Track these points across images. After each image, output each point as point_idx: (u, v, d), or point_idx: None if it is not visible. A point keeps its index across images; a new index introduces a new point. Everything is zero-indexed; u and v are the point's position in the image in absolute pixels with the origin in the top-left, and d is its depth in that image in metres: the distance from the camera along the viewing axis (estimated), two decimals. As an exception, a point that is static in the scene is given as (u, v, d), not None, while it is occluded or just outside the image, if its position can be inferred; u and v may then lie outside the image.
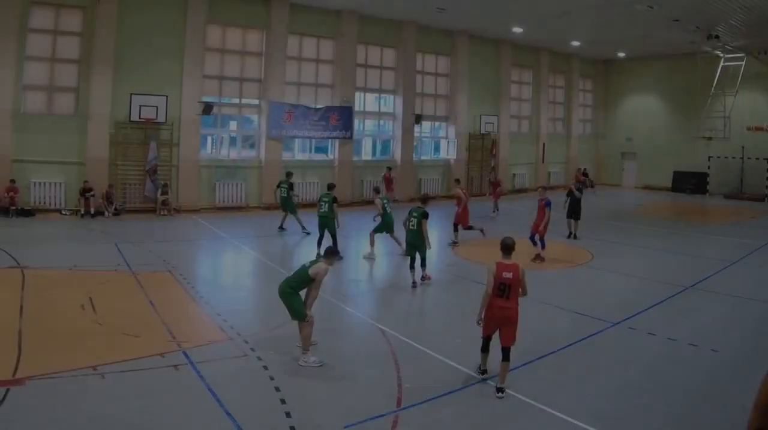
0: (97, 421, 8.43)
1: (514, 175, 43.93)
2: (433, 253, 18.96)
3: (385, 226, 20.37)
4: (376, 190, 22.81)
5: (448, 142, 40.16)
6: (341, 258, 19.11)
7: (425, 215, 16.90)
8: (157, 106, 28.01)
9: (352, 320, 14.18)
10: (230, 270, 19.99)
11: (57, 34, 27.03)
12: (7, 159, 25.85)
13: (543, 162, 45.82)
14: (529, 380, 10.27)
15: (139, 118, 27.71)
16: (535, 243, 20.18)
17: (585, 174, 47.28)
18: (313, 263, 11.03)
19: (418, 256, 17.05)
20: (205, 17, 29.76)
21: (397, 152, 37.27)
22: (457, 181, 26.75)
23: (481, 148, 41.12)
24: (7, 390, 9.01)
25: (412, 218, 16.96)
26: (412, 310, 15.89)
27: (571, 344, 12.17)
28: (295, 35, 32.85)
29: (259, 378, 10.12)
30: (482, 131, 40.55)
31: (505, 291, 9.68)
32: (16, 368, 9.89)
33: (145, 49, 28.47)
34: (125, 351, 10.86)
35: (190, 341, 11.63)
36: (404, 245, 18.14)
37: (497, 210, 31.38)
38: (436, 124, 40.62)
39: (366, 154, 37.33)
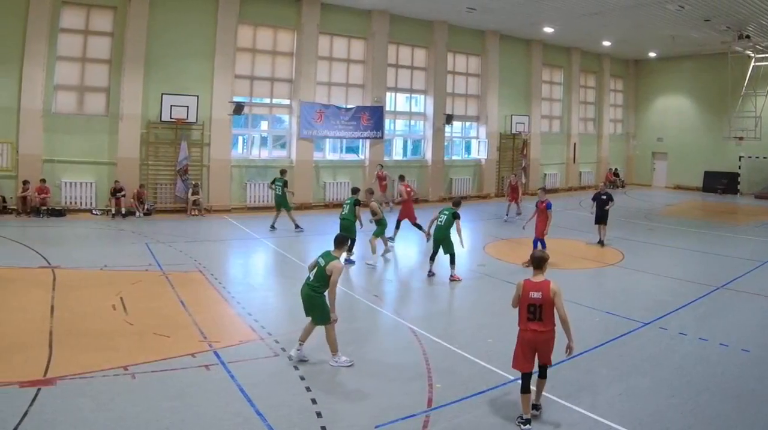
0: (128, 421, 8.24)
1: (545, 175, 42.58)
2: (464, 252, 18.55)
3: (382, 229, 19.57)
4: (370, 192, 21.96)
5: (479, 142, 38.89)
6: (353, 263, 18.88)
7: (456, 216, 16.78)
8: (188, 106, 27.16)
9: (384, 319, 13.88)
10: (261, 270, 19.30)
11: (88, 34, 26.31)
12: (39, 159, 25.17)
13: (574, 162, 44.44)
14: (560, 380, 9.90)
15: (170, 118, 26.90)
16: (536, 248, 19.11)
17: (616, 174, 46.77)
18: (326, 257, 10.47)
19: (440, 251, 17.14)
20: (236, 17, 28.89)
21: (427, 152, 36.19)
22: (401, 177, 25.90)
23: (512, 148, 39.96)
24: (38, 390, 8.86)
25: (441, 215, 16.93)
26: (443, 310, 15.38)
27: (601, 344, 11.91)
28: (326, 35, 31.94)
29: (290, 378, 9.92)
30: (513, 131, 39.32)
31: (537, 313, 8.51)
32: (47, 368, 9.71)
33: (175, 49, 27.73)
34: (156, 351, 10.69)
35: (221, 341, 11.42)
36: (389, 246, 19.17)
37: (520, 214, 28.96)
38: (467, 124, 39.38)
39: (397, 154, 36.27)
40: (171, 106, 26.85)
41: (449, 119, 36.40)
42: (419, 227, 21.55)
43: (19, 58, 24.58)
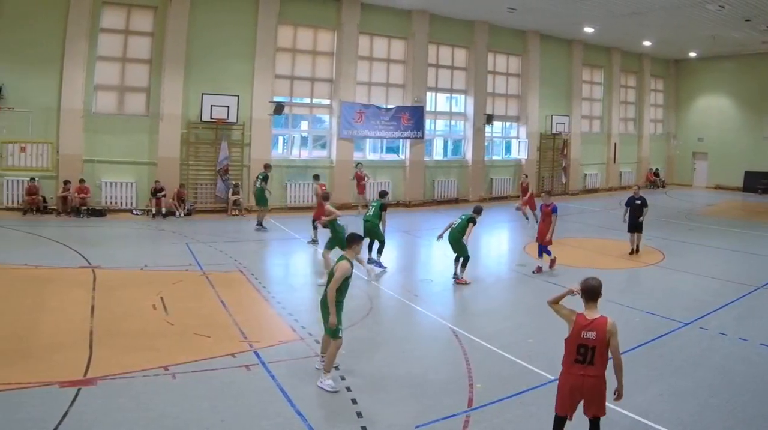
0: (168, 421, 8.00)
1: (585, 175, 40.79)
2: (505, 252, 17.23)
3: (338, 241, 15.81)
4: (325, 198, 17.88)
5: (519, 142, 37.17)
6: (384, 268, 17.38)
7: (472, 220, 15.99)
8: (228, 106, 26.02)
9: (424, 320, 13.34)
10: (301, 270, 18.53)
11: (128, 34, 25.31)
12: (79, 159, 24.21)
13: (614, 162, 42.43)
14: None
15: (211, 118, 25.79)
16: (541, 255, 17.47)
17: (656, 174, 44.79)
18: (339, 259, 9.59)
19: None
20: (276, 17, 27.66)
21: (468, 152, 34.55)
22: (316, 177, 23.52)
23: (552, 148, 38.18)
24: (79, 390, 8.61)
25: (458, 220, 16.29)
26: (483, 310, 14.44)
27: (642, 344, 11.47)
28: (366, 35, 30.54)
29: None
30: (553, 131, 37.55)
31: (588, 356, 6.93)
32: (87, 368, 9.45)
33: (216, 49, 26.60)
34: (196, 351, 10.39)
35: (262, 341, 11.11)
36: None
37: (527, 219, 26.02)
38: (507, 124, 37.60)
39: (437, 154, 34.61)
40: (211, 106, 25.77)
41: (489, 119, 34.77)
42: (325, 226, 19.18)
43: (59, 58, 23.65)
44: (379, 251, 17.59)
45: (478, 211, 16.32)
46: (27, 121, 21.96)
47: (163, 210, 25.00)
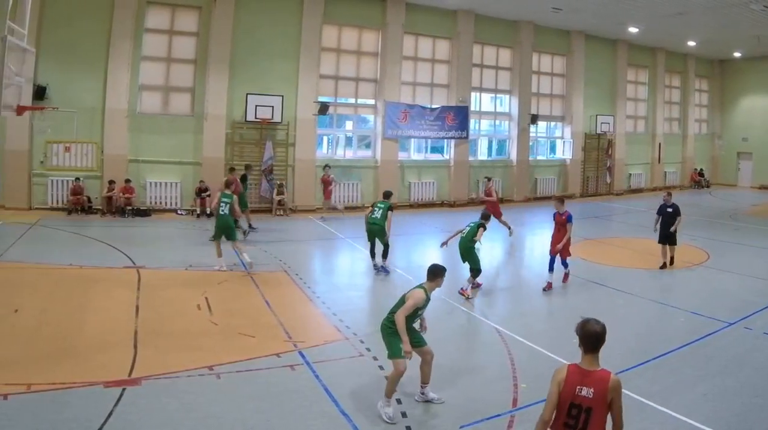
0: (213, 421, 7.65)
1: (630, 175, 38.28)
2: (545, 254, 15.82)
3: (220, 229, 15.65)
4: (227, 184, 16.71)
5: (563, 142, 34.93)
6: (388, 272, 15.96)
7: (482, 226, 14.25)
8: (272, 106, 24.40)
9: (469, 320, 12.64)
10: (345, 270, 17.54)
11: (173, 34, 23.87)
12: (124, 159, 22.86)
13: (659, 162, 39.76)
14: (645, 379, 9.24)
15: (255, 118, 24.22)
16: (552, 269, 14.79)
17: (701, 174, 42.13)
18: (414, 287, 8.39)
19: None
20: (321, 17, 25.98)
21: (512, 152, 32.41)
22: (232, 169, 21.59)
23: (597, 148, 35.71)
24: (123, 390, 8.27)
25: (466, 228, 14.45)
26: (527, 310, 13.57)
27: (686, 344, 10.95)
28: (410, 35, 28.60)
29: (375, 378, 9.10)
30: (598, 131, 35.11)
31: (580, 419, 5.18)
32: (131, 368, 9.07)
33: (260, 49, 25.04)
34: (241, 351, 9.92)
35: (306, 341, 10.60)
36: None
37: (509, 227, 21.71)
38: (552, 124, 35.26)
39: (481, 154, 32.41)
40: (256, 106, 24.22)
41: (534, 119, 32.66)
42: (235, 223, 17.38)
43: (104, 58, 22.38)
44: (384, 256, 15.95)
45: (486, 216, 14.62)
46: (72, 121, 20.66)
47: (208, 210, 23.20)
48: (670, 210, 17.00)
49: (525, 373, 9.46)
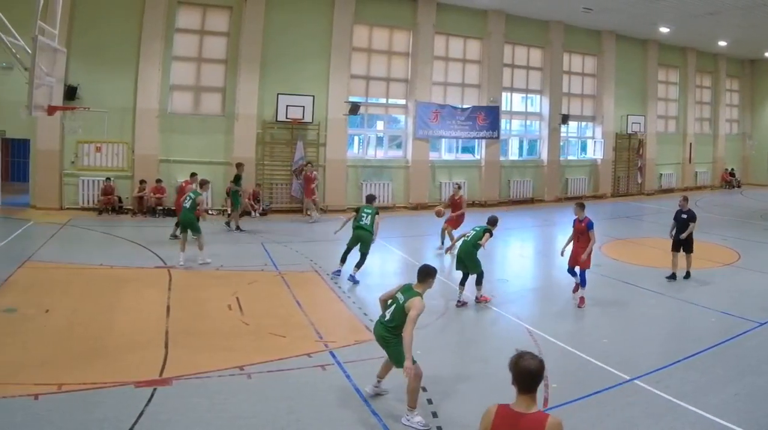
0: (244, 421, 7.32)
1: (660, 175, 36.33)
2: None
3: (183, 224, 15.29)
4: (202, 184, 16.76)
5: (594, 142, 33.14)
6: (357, 282, 14.17)
7: (488, 232, 12.75)
8: (303, 106, 23.18)
9: (499, 319, 12.01)
10: (376, 269, 16.13)
11: (203, 34, 22.76)
12: (154, 159, 21.80)
13: (690, 162, 37.78)
14: (676, 379, 8.83)
15: (286, 118, 23.01)
16: (575, 274, 13.03)
17: (732, 174, 40.17)
18: (406, 292, 7.67)
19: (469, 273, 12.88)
20: (352, 17, 24.69)
21: (543, 152, 30.83)
22: (193, 174, 19.50)
23: (628, 148, 33.89)
24: (154, 390, 7.94)
25: (471, 231, 13.02)
26: (558, 310, 12.87)
27: (717, 344, 10.48)
28: (441, 35, 27.16)
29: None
30: (629, 131, 33.38)
31: None
32: (162, 368, 8.72)
33: (291, 50, 23.80)
34: (272, 351, 9.57)
35: (337, 341, 10.19)
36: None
37: (443, 243, 18.48)
38: (583, 124, 33.54)
39: (512, 154, 30.86)
40: (287, 106, 23.00)
41: (565, 119, 30.98)
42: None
43: (135, 58, 21.37)
44: (359, 265, 14.28)
45: (493, 221, 12.98)
46: (102, 121, 19.82)
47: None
48: (684, 217, 15.02)
49: (556, 372, 8.88)
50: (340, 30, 24.68)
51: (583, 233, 12.79)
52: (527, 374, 4.27)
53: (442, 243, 18.20)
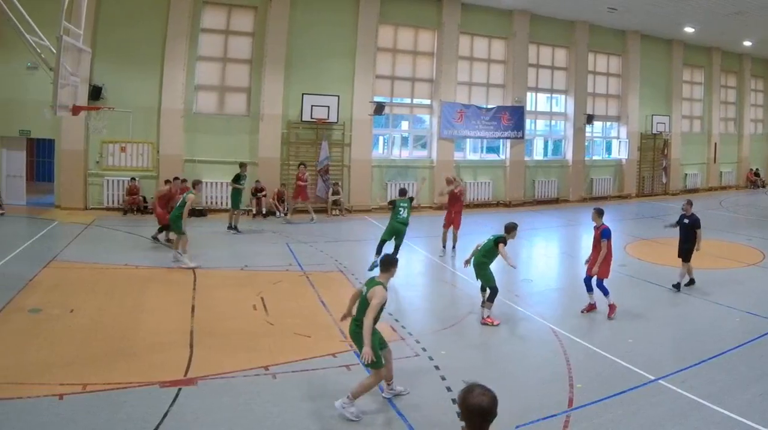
0: (269, 421, 6.99)
1: (685, 175, 34.68)
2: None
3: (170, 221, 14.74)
4: (195, 184, 15.47)
5: (619, 142, 31.60)
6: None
7: (501, 241, 11.07)
8: (328, 106, 22.15)
9: (524, 319, 11.39)
10: (401, 270, 14.88)
11: (228, 34, 21.79)
12: (179, 159, 20.86)
13: (715, 162, 36.02)
14: (700, 379, 8.43)
15: (311, 118, 21.98)
16: (590, 288, 11.66)
17: (756, 174, 38.47)
18: (369, 284, 7.41)
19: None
20: (377, 18, 23.59)
21: (568, 152, 29.39)
22: (176, 178, 18.33)
23: (653, 148, 32.31)
24: (179, 390, 7.63)
25: (485, 240, 11.42)
26: (583, 309, 11.89)
27: (742, 345, 9.95)
28: (466, 35, 25.92)
29: (430, 378, 8.43)
30: (654, 131, 31.79)
31: None
32: (187, 368, 8.36)
33: (316, 50, 22.80)
34: (297, 351, 9.15)
35: None
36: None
37: (444, 248, 16.99)
38: (608, 124, 31.96)
39: (537, 154, 29.48)
40: (312, 106, 21.97)
41: (590, 119, 29.46)
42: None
43: (160, 58, 20.54)
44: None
45: (509, 228, 11.20)
46: (127, 121, 19.16)
47: (264, 210, 21.42)
48: (686, 221, 13.40)
49: (581, 373, 8.68)
50: (365, 30, 23.60)
51: (599, 241, 11.51)
52: (478, 412, 3.55)
53: (444, 247, 16.72)
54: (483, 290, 11.28)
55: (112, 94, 19.89)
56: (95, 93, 19.32)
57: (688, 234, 13.33)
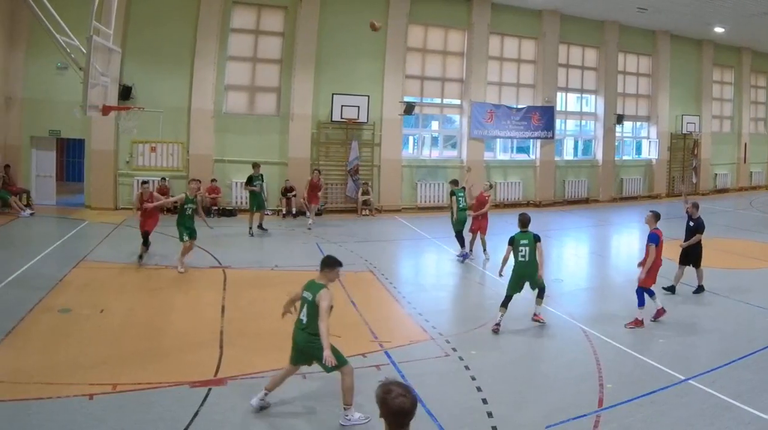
0: (298, 422, 6.71)
1: (715, 175, 32.74)
2: (635, 252, 14.77)
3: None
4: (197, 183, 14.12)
5: (649, 142, 29.91)
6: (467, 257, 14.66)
7: (537, 239, 10.01)
8: (358, 106, 20.98)
9: (554, 319, 10.57)
10: (432, 270, 15.30)
11: (258, 34, 20.66)
12: (209, 159, 19.78)
13: (745, 162, 33.99)
14: (730, 379, 7.88)
15: (341, 118, 20.81)
16: (642, 303, 10.28)
17: (785, 174, 37.07)
18: (312, 288, 6.70)
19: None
20: (407, 17, 22.30)
21: (598, 152, 27.76)
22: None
23: (683, 148, 30.48)
24: (209, 390, 7.23)
25: (522, 247, 9.91)
26: (612, 310, 11.33)
27: None
28: (496, 35, 24.48)
29: (460, 378, 7.90)
30: (684, 131, 30.01)
31: None
32: (217, 368, 7.95)
33: (346, 50, 21.62)
34: None
35: (392, 341, 9.26)
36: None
37: (470, 253, 15.27)
38: (638, 124, 30.24)
39: (567, 154, 27.98)
40: (342, 106, 20.81)
41: (620, 119, 27.81)
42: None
43: (189, 58, 19.50)
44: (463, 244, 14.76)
45: (524, 222, 10.10)
46: (157, 121, 18.18)
47: (294, 210, 20.24)
48: (691, 224, 12.17)
49: (611, 373, 8.24)
50: (395, 30, 22.29)
51: (647, 248, 10.24)
52: (400, 413, 3.48)
53: (471, 251, 15.15)
54: (503, 306, 9.95)
55: (142, 94, 18.90)
56: (125, 93, 18.35)
57: (690, 237, 12.18)
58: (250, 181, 17.39)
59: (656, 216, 10.53)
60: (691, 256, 12.14)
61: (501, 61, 25.28)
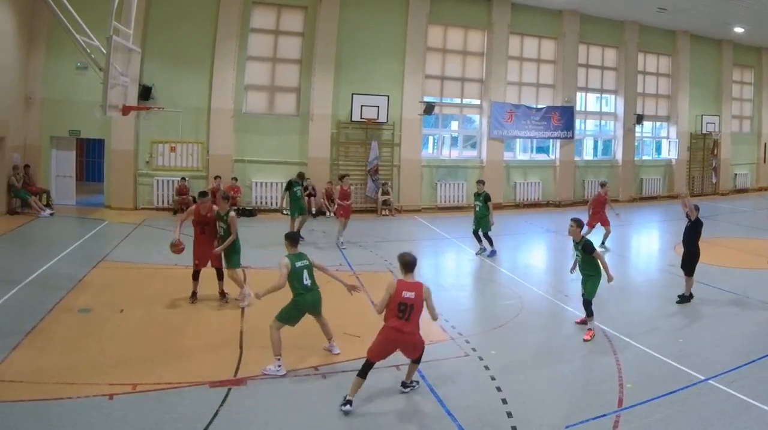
0: (318, 421, 6.39)
1: (735, 175, 31.07)
2: (654, 252, 14.95)
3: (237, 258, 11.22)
4: (225, 198, 10.88)
5: (669, 142, 28.38)
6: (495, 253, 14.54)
7: (588, 249, 9.31)
8: (378, 106, 19.89)
9: (574, 319, 9.98)
10: (451, 270, 14.58)
11: (278, 34, 19.60)
12: (229, 159, 18.77)
13: (764, 162, 32.20)
14: (752, 379, 7.51)
15: (361, 118, 19.73)
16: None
17: (805, 174, 35.44)
18: (302, 258, 7.90)
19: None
20: (426, 18, 21.14)
21: (618, 152, 26.35)
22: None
23: (703, 148, 28.91)
24: (229, 390, 6.95)
25: (576, 253, 9.58)
26: (632, 309, 10.80)
27: None
28: (516, 35, 23.21)
29: (480, 377, 7.57)
30: (703, 131, 28.48)
31: (406, 311, 6.47)
32: (237, 368, 7.59)
33: (366, 50, 20.56)
34: (347, 351, 8.12)
35: None
36: None
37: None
38: (657, 124, 28.71)
39: (587, 154, 26.59)
40: (361, 106, 19.73)
41: (640, 119, 26.32)
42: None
43: (209, 58, 18.50)
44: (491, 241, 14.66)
45: (578, 223, 9.43)
46: (177, 121, 17.27)
47: (313, 210, 19.13)
48: (689, 225, 10.89)
49: (631, 372, 7.81)
50: (415, 30, 21.14)
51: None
52: (409, 263, 6.84)
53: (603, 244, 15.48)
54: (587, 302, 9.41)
55: (161, 94, 18.00)
56: (145, 93, 17.42)
57: (690, 237, 10.98)
58: (289, 185, 15.63)
59: (697, 209, 10.22)
60: (685, 262, 10.96)
61: (521, 61, 23.97)
